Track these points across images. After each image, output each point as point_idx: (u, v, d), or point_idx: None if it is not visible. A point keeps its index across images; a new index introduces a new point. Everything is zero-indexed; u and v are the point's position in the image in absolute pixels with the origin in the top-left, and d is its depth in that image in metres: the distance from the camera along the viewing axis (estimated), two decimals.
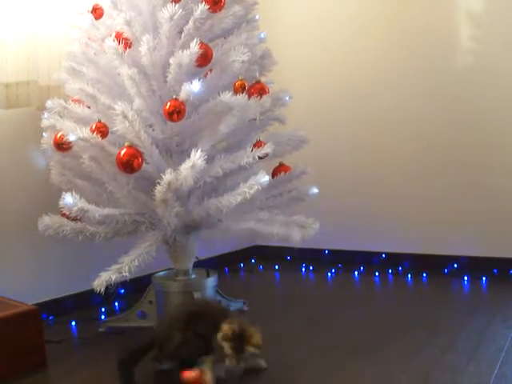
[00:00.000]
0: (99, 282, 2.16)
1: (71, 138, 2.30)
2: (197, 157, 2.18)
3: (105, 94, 2.48)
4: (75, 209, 2.22)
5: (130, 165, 2.21)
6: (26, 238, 2.84)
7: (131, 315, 2.69)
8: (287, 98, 2.72)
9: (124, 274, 2.18)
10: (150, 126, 2.43)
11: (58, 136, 2.44)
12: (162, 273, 2.71)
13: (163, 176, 2.21)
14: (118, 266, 2.20)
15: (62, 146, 2.44)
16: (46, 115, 2.54)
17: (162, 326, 2.16)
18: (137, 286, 3.02)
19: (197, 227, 2.50)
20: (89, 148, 2.31)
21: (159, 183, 2.21)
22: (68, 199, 2.22)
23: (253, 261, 3.87)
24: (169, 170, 2.19)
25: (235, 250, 3.86)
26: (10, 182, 2.82)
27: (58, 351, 2.49)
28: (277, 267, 3.72)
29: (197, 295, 2.49)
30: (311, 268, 3.65)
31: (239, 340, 1.97)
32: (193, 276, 2.63)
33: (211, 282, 2.58)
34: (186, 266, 2.62)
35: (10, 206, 2.81)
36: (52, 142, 2.48)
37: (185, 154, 2.45)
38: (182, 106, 2.28)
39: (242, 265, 3.80)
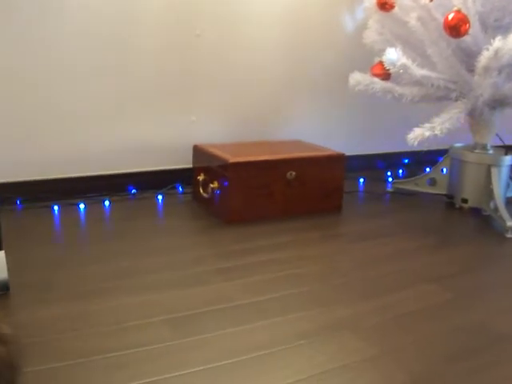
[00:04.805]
0: (413, 136, 2.25)
1: None
2: None
3: None
4: (398, 64, 2.29)
5: (456, 29, 2.22)
6: (331, 94, 3.05)
7: (421, 180, 2.80)
8: None
9: (436, 132, 2.25)
10: None
11: None
12: (459, 144, 2.76)
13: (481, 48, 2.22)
14: (430, 125, 2.28)
15: (385, 5, 2.53)
16: None
17: None
18: (418, 159, 3.15)
19: (503, 104, 2.50)
20: (416, 9, 2.37)
21: (486, 50, 2.20)
22: (392, 54, 2.30)
23: None
24: (498, 37, 2.18)
25: None
26: (320, 39, 3.00)
27: (349, 200, 2.70)
28: None
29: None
30: None
31: None
32: (490, 151, 2.65)
33: (508, 160, 2.57)
34: (486, 140, 2.63)
35: (319, 62, 3.01)
36: (375, 1, 2.57)
37: (501, 30, 2.43)
38: None
39: None
